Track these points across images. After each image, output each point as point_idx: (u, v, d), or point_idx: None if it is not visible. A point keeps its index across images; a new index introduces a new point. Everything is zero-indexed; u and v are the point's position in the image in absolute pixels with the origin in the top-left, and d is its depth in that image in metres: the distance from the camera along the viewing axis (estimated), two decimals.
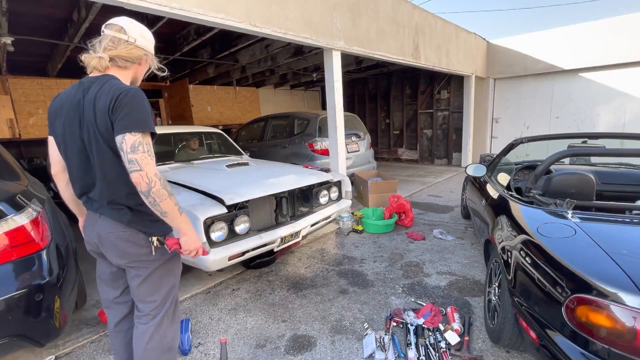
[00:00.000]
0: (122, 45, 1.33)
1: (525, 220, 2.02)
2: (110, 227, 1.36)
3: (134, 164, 1.20)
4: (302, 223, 3.09)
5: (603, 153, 2.74)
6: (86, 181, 1.36)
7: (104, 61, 1.31)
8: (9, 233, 1.66)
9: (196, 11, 3.03)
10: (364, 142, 6.45)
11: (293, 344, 2.19)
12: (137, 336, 1.49)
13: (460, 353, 2.02)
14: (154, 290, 1.46)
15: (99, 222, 1.39)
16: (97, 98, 1.25)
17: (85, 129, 1.29)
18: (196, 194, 2.71)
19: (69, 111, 1.33)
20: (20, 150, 7.02)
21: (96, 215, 1.40)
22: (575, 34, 7.50)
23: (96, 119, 1.25)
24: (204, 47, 5.99)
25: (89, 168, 1.34)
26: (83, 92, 1.30)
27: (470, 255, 3.46)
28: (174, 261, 1.53)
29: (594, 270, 1.38)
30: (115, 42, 1.32)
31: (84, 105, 1.29)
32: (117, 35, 1.32)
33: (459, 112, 8.91)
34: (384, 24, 5.26)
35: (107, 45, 1.31)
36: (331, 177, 3.54)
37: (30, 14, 4.12)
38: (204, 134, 4.59)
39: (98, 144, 1.28)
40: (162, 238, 1.41)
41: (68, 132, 1.34)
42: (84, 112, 1.29)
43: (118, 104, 1.21)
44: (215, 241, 2.51)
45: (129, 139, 1.20)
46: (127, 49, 1.33)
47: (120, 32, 1.33)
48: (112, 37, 1.32)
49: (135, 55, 1.37)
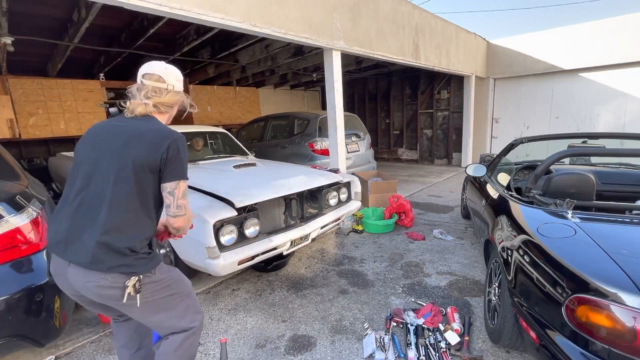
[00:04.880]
0: (163, 94, 1.41)
1: (525, 220, 2.01)
2: (85, 276, 1.22)
3: (181, 209, 1.33)
4: (312, 225, 3.00)
5: (603, 153, 2.74)
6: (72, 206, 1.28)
7: (149, 107, 1.38)
8: (8, 233, 1.66)
9: (196, 11, 3.03)
10: (364, 142, 6.45)
11: (293, 344, 2.19)
12: (165, 345, 1.42)
13: (460, 353, 2.02)
14: (159, 313, 1.37)
15: (70, 271, 1.25)
16: (146, 133, 1.31)
17: (110, 156, 1.29)
18: (204, 196, 2.61)
19: (99, 139, 1.35)
20: (20, 150, 7.03)
21: (64, 263, 1.25)
22: (575, 34, 7.50)
23: (137, 149, 1.27)
24: (204, 47, 5.99)
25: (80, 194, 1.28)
26: (123, 125, 1.35)
27: (470, 255, 3.46)
28: (175, 287, 1.41)
29: (594, 270, 1.38)
30: (157, 91, 1.40)
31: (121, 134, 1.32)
32: (157, 85, 1.39)
33: (459, 112, 8.92)
34: (384, 24, 5.26)
35: (150, 94, 1.39)
36: (340, 178, 3.47)
37: (30, 14, 4.13)
38: (208, 133, 4.53)
39: (122, 172, 1.26)
40: (139, 284, 1.24)
41: (86, 158, 1.34)
42: (116, 139, 1.31)
43: (172, 150, 1.29)
44: (225, 245, 2.40)
45: (182, 186, 1.33)
46: (169, 96, 1.42)
47: (160, 81, 1.40)
48: (153, 87, 1.39)
49: (175, 100, 1.46)
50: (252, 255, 2.51)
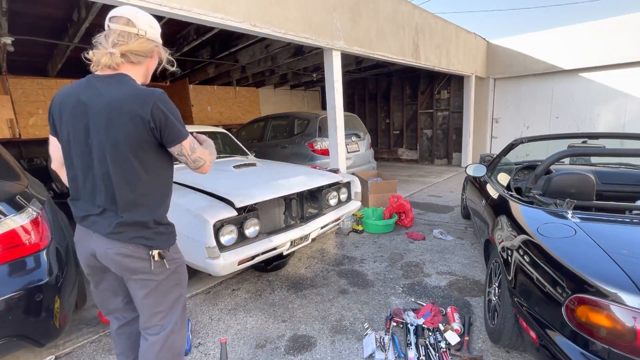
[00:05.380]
0: (132, 39, 1.23)
1: (525, 220, 2.02)
2: (106, 243, 1.26)
3: (198, 161, 1.33)
4: (311, 225, 3.01)
5: (603, 153, 2.74)
6: (87, 188, 1.28)
7: (116, 57, 1.21)
8: (9, 233, 1.66)
9: (196, 11, 3.03)
10: (364, 142, 6.45)
11: (293, 344, 2.19)
12: (146, 348, 1.40)
13: (460, 353, 2.02)
14: (160, 302, 1.37)
15: (94, 238, 1.29)
16: (122, 102, 1.17)
17: (97, 134, 1.20)
18: (204, 196, 2.62)
19: (74, 113, 1.23)
20: (20, 150, 7.03)
21: (89, 232, 1.30)
22: (575, 34, 7.50)
23: (120, 124, 1.17)
24: (204, 47, 5.99)
25: (89, 176, 1.26)
26: (94, 94, 1.20)
27: (470, 255, 3.46)
28: (181, 271, 1.43)
29: (594, 270, 1.38)
30: (125, 36, 1.22)
31: (97, 108, 1.19)
32: (126, 29, 1.22)
33: (459, 112, 8.92)
34: (384, 24, 5.26)
35: (117, 40, 1.21)
36: (340, 178, 3.47)
37: (30, 14, 4.12)
38: (208, 133, 4.54)
39: (116, 151, 1.19)
40: (165, 252, 1.32)
41: (72, 136, 1.25)
42: (96, 116, 1.19)
43: (157, 116, 1.18)
44: (225, 245, 2.40)
45: (186, 145, 1.28)
46: (138, 43, 1.24)
47: (129, 24, 1.23)
48: (120, 32, 1.21)
49: (147, 49, 1.28)
50: (252, 255, 2.51)
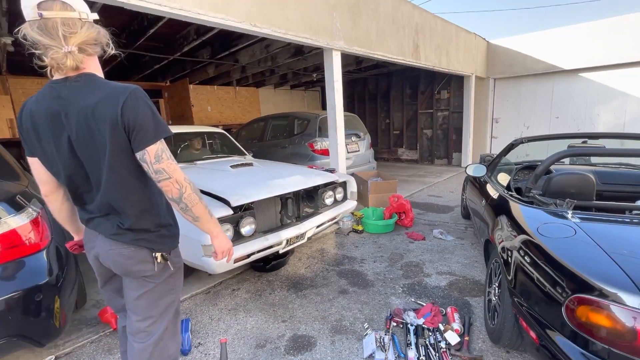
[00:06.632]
0: (78, 26, 1.02)
1: (525, 220, 2.02)
2: (109, 244, 1.24)
3: (161, 173, 1.12)
4: (307, 224, 3.06)
5: (603, 153, 2.74)
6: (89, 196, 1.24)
7: (77, 55, 1.02)
8: (9, 233, 1.66)
9: (196, 11, 3.03)
10: (364, 142, 6.45)
11: (293, 344, 2.19)
12: (134, 354, 1.34)
13: (460, 353, 2.02)
14: (153, 306, 1.33)
15: (99, 240, 1.28)
16: (96, 108, 1.06)
17: (81, 147, 1.12)
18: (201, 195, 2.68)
19: (52, 128, 1.11)
20: (20, 150, 7.01)
21: (95, 233, 1.28)
22: (575, 34, 7.51)
23: (101, 134, 1.07)
24: (204, 47, 5.98)
25: (86, 187, 1.21)
26: (64, 104, 1.08)
27: (470, 255, 3.46)
28: (177, 276, 1.40)
29: (594, 270, 1.38)
30: (71, 24, 1.00)
31: (74, 119, 1.08)
32: (67, 15, 0.99)
33: (459, 112, 8.92)
34: (384, 24, 5.26)
35: (65, 32, 0.99)
36: (336, 178, 3.51)
37: None
38: (206, 134, 4.56)
39: (104, 161, 1.12)
40: (167, 255, 1.30)
41: (57, 153, 1.14)
42: (75, 128, 1.09)
43: (127, 118, 1.05)
44: None
45: (151, 150, 1.10)
46: (86, 29, 1.04)
47: (67, 9, 1.00)
48: (62, 20, 0.98)
49: (95, 36, 1.07)
50: (247, 253, 2.56)
